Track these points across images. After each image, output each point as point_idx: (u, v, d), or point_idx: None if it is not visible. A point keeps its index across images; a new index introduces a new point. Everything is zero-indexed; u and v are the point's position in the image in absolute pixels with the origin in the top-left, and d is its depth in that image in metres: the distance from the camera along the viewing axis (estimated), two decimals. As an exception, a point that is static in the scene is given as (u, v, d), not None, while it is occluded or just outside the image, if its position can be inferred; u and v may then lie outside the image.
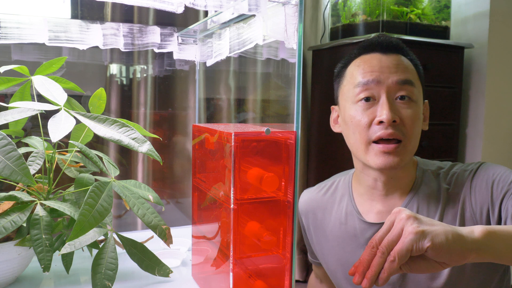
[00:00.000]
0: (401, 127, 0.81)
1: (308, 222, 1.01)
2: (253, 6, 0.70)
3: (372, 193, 0.89)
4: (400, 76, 0.82)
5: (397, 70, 0.82)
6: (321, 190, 1.01)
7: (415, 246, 0.57)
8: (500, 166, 0.84)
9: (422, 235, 0.57)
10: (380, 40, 0.86)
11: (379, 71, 0.83)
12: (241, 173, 0.65)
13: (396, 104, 0.82)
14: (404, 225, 0.59)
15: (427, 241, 0.57)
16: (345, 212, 0.93)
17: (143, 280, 0.85)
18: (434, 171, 0.88)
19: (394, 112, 0.80)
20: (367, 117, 0.82)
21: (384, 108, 0.80)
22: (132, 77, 1.84)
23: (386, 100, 0.81)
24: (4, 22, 0.87)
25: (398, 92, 0.82)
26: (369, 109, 0.82)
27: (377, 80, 0.82)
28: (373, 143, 0.82)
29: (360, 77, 0.83)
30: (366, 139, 0.82)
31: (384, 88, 0.82)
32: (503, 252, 0.61)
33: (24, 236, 0.76)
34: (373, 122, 0.81)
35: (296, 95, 0.64)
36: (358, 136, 0.84)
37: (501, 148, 2.08)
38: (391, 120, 0.79)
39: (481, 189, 0.82)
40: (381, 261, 0.59)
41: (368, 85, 0.82)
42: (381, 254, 0.59)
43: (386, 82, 0.82)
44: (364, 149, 0.83)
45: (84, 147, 0.79)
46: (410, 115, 0.81)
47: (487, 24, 1.97)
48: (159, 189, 1.92)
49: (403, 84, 0.82)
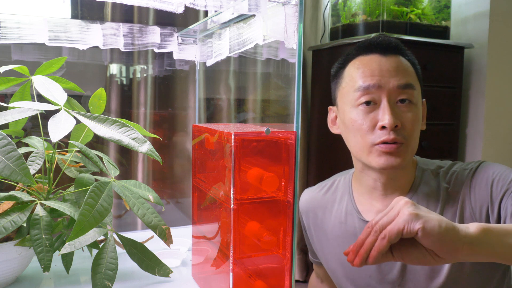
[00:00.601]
0: (402, 131, 0.81)
1: (309, 221, 1.01)
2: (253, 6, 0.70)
3: (372, 193, 0.89)
4: (400, 80, 0.82)
5: (398, 73, 0.82)
6: (321, 190, 1.01)
7: (407, 227, 0.58)
8: (500, 164, 0.84)
9: (415, 217, 0.59)
10: (379, 41, 0.86)
11: (379, 75, 0.82)
12: (241, 173, 0.65)
13: (397, 107, 0.82)
14: (401, 209, 0.61)
15: (418, 224, 0.58)
16: (345, 211, 0.93)
17: (143, 280, 0.85)
18: (434, 170, 0.88)
19: (396, 116, 0.81)
20: (369, 121, 0.82)
21: (386, 113, 0.80)
22: (132, 77, 1.84)
23: (388, 104, 0.81)
24: (4, 22, 0.87)
25: (398, 96, 0.82)
26: (371, 113, 0.82)
27: (378, 84, 0.82)
28: (375, 145, 0.82)
29: (361, 81, 0.83)
30: (369, 143, 0.82)
31: (385, 92, 0.82)
32: (499, 250, 0.62)
33: (24, 236, 0.76)
34: (375, 127, 0.82)
35: (296, 95, 0.64)
36: (360, 140, 0.84)
37: (501, 148, 2.08)
38: (393, 125, 0.80)
39: (480, 188, 0.82)
40: (373, 239, 0.61)
41: (369, 89, 0.82)
42: (374, 232, 0.61)
43: (387, 87, 0.82)
44: (367, 152, 0.83)
45: (84, 147, 0.79)
46: (410, 119, 0.82)
47: (487, 24, 1.97)
48: (159, 189, 1.92)
49: (404, 88, 0.82)
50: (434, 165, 0.90)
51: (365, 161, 0.85)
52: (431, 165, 0.90)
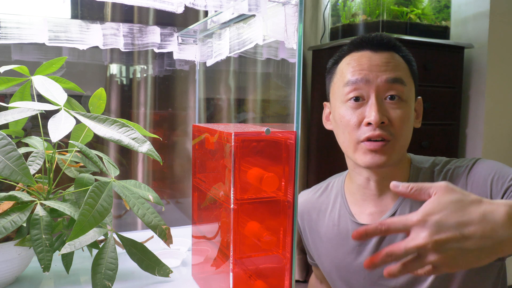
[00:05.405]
0: (389, 127, 0.80)
1: (304, 224, 1.01)
2: (253, 6, 0.70)
3: (364, 193, 0.89)
4: (389, 74, 0.81)
5: (387, 68, 0.81)
6: (316, 192, 1.01)
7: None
8: (495, 161, 0.83)
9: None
10: (371, 37, 0.85)
11: (368, 69, 0.82)
12: (241, 173, 0.65)
13: (385, 104, 0.81)
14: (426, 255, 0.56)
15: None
16: (338, 214, 0.93)
17: (143, 280, 0.85)
18: (428, 168, 0.88)
19: (383, 113, 0.80)
20: (356, 118, 0.82)
21: (373, 109, 0.80)
22: (132, 77, 1.84)
23: (375, 100, 0.80)
24: (4, 22, 0.87)
25: (387, 92, 0.81)
26: (358, 109, 0.82)
27: (366, 79, 0.81)
28: (361, 143, 0.81)
29: (349, 76, 0.83)
30: (355, 139, 0.82)
31: (373, 87, 0.81)
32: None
33: (24, 236, 0.76)
34: (362, 123, 0.81)
35: (296, 95, 0.64)
36: (347, 136, 0.83)
37: (501, 148, 2.08)
38: (379, 122, 0.79)
39: (478, 185, 0.81)
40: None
41: (357, 84, 0.81)
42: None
43: (375, 82, 0.81)
44: (353, 149, 0.83)
45: (84, 147, 0.79)
46: (399, 116, 0.81)
47: (487, 24, 1.97)
48: (159, 189, 1.92)
49: (393, 82, 0.81)
50: (428, 162, 0.89)
51: (352, 159, 0.84)
52: (425, 163, 0.89)
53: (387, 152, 0.80)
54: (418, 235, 0.55)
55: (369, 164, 0.81)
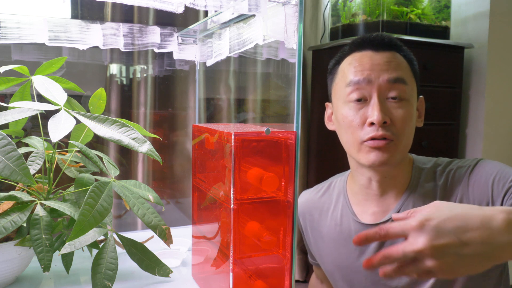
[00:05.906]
0: (392, 127, 0.80)
1: (306, 224, 1.01)
2: (253, 6, 0.70)
3: (366, 193, 0.89)
4: (391, 74, 0.81)
5: (389, 67, 0.82)
6: (318, 192, 1.01)
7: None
8: (497, 162, 0.83)
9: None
10: (372, 37, 0.86)
11: (369, 69, 0.82)
12: (241, 173, 0.65)
13: (387, 103, 0.81)
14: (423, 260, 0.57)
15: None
16: (340, 213, 0.93)
17: (143, 280, 0.85)
18: (430, 168, 0.88)
19: (385, 112, 0.80)
20: (359, 118, 0.82)
21: (375, 109, 0.80)
22: (132, 77, 1.84)
23: (377, 100, 0.80)
24: (4, 22, 0.87)
25: (389, 92, 0.81)
26: (361, 110, 0.82)
27: (368, 79, 0.81)
28: (365, 142, 0.82)
29: (352, 76, 0.83)
30: (358, 139, 0.82)
31: (375, 87, 0.81)
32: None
33: (24, 236, 0.76)
34: (365, 123, 0.81)
35: (296, 95, 0.64)
36: (350, 136, 0.83)
37: (501, 148, 2.08)
38: (381, 121, 0.79)
39: (479, 185, 0.81)
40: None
41: (359, 84, 0.82)
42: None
43: (377, 81, 0.81)
44: (356, 149, 0.83)
45: (84, 147, 0.79)
46: (401, 115, 0.81)
47: (487, 24, 1.97)
48: (159, 189, 1.92)
49: (395, 82, 0.81)
50: (430, 163, 0.89)
51: (356, 158, 0.84)
52: (427, 163, 0.89)
53: (389, 151, 0.80)
54: (416, 240, 0.55)
55: (373, 161, 0.81)
